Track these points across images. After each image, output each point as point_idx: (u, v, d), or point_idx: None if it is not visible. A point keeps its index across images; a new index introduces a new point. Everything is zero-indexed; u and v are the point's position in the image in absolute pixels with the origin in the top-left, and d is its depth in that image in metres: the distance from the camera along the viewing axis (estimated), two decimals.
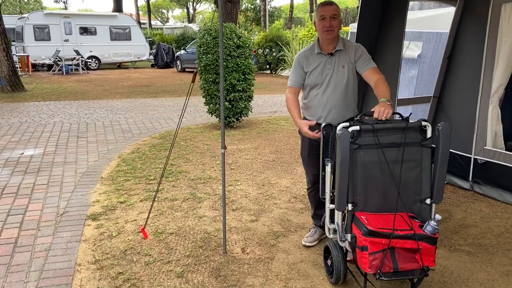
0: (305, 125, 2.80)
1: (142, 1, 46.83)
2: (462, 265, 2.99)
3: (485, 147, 4.19)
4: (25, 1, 45.49)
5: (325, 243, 2.85)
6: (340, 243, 2.57)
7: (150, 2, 42.85)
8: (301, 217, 3.81)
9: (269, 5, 35.16)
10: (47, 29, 18.97)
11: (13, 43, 19.25)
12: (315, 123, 2.86)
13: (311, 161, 3.13)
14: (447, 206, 4.04)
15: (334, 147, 2.62)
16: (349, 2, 48.17)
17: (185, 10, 55.39)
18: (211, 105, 7.29)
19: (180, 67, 19.60)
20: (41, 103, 10.26)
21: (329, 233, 2.71)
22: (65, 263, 3.00)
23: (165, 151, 5.91)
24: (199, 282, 2.78)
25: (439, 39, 5.30)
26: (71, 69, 18.34)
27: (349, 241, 2.47)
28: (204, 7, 56.57)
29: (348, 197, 2.46)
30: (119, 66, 22.25)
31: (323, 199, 2.72)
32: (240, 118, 7.60)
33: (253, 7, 36.64)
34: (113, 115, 8.81)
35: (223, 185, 3.14)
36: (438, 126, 2.43)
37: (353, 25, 8.45)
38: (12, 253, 3.15)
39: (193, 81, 3.19)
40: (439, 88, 4.87)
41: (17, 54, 17.67)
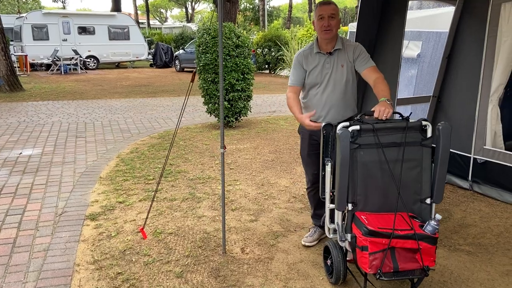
0: (306, 118, 2.75)
1: (140, 1, 46.78)
2: (462, 264, 2.99)
3: (484, 147, 4.19)
4: (23, 0, 45.41)
5: (324, 243, 2.85)
6: (340, 243, 2.56)
7: (148, 1, 42.81)
8: (301, 217, 3.80)
9: (268, 4, 35.16)
10: (45, 29, 18.93)
11: (11, 43, 19.18)
12: (314, 112, 2.83)
13: (310, 161, 3.12)
14: (446, 205, 4.03)
15: (334, 146, 2.61)
16: (347, 1, 48.19)
17: (184, 9, 55.36)
18: (210, 105, 7.28)
19: (178, 66, 19.58)
20: (39, 103, 10.23)
21: (329, 233, 2.70)
22: (64, 263, 2.99)
23: (164, 151, 5.90)
24: (199, 282, 2.77)
25: (439, 38, 5.30)
26: (70, 69, 18.30)
27: (349, 241, 2.46)
28: (202, 6, 56.59)
29: (348, 197, 2.45)
30: (118, 65, 22.22)
31: (323, 199, 2.71)
32: (239, 117, 7.59)
33: (252, 6, 36.64)
34: (112, 114, 8.79)
35: (223, 185, 3.13)
36: (438, 125, 2.42)
37: (352, 24, 8.46)
38: (10, 253, 3.13)
39: (192, 80, 3.18)
40: (438, 87, 4.87)
41: (15, 53, 17.64)
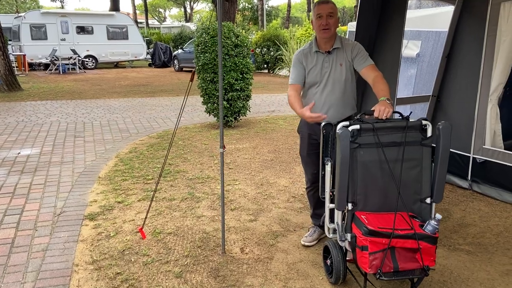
0: (306, 110, 2.69)
1: (139, 0, 46.73)
2: (461, 264, 2.99)
3: (484, 146, 4.18)
4: (22, 0, 45.31)
5: (324, 242, 2.84)
6: (339, 242, 2.55)
7: (147, 1, 42.75)
8: (300, 216, 3.80)
9: (266, 4, 35.15)
10: (43, 28, 18.90)
11: (9, 42, 19.13)
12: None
13: (310, 160, 3.11)
14: (446, 205, 4.03)
15: (334, 146, 2.60)
16: (346, 1, 48.20)
17: (183, 9, 55.32)
18: (209, 105, 7.27)
19: (177, 66, 19.57)
20: (38, 103, 10.21)
21: (329, 233, 2.70)
22: (63, 264, 2.98)
23: (163, 151, 5.89)
24: (198, 282, 2.76)
25: (438, 38, 5.30)
26: (68, 68, 18.28)
27: (349, 240, 2.46)
28: (201, 6, 56.59)
29: (348, 197, 2.44)
30: (116, 65, 22.19)
31: (323, 198, 2.70)
32: (238, 117, 7.58)
33: (250, 6, 36.62)
34: (110, 114, 8.77)
35: (222, 185, 3.12)
36: (438, 125, 2.41)
37: (351, 24, 8.46)
38: (9, 254, 3.12)
39: (192, 80, 3.17)
40: (438, 87, 4.86)
41: (13, 53, 17.59)
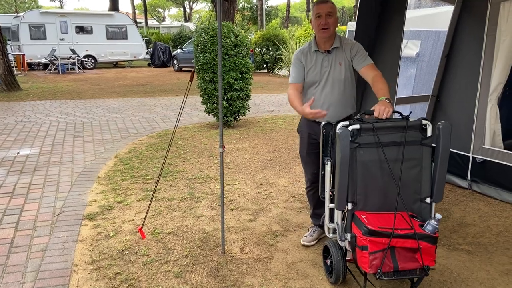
0: (306, 106, 2.67)
1: (138, 0, 46.68)
2: (461, 264, 2.98)
3: (483, 146, 4.18)
4: (21, 0, 45.26)
5: (324, 242, 2.84)
6: (339, 242, 2.55)
7: (146, 1, 42.72)
8: (300, 216, 3.79)
9: (265, 4, 35.14)
10: (43, 28, 18.88)
11: (8, 42, 19.11)
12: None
13: (310, 160, 3.11)
14: (445, 205, 4.03)
15: (333, 146, 2.60)
16: (345, 1, 48.21)
17: (182, 9, 55.27)
18: (209, 104, 7.26)
19: (176, 66, 19.56)
20: (37, 102, 10.20)
21: (329, 233, 2.69)
22: (62, 264, 2.97)
23: (162, 151, 5.88)
24: (198, 282, 2.76)
25: (438, 37, 5.30)
26: (67, 68, 18.26)
27: (349, 240, 2.45)
28: (200, 6, 56.57)
29: (348, 196, 2.44)
30: (116, 65, 22.17)
31: (323, 198, 2.70)
32: (237, 117, 7.58)
33: (250, 6, 36.60)
34: (110, 114, 8.76)
35: (222, 185, 3.12)
36: (438, 124, 2.41)
37: (351, 23, 8.45)
38: (8, 254, 3.11)
39: (191, 79, 3.16)
40: (437, 86, 4.86)
41: (12, 53, 17.57)
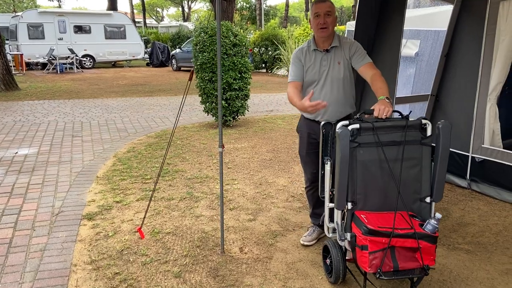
0: (306, 100, 2.61)
1: (137, 0, 46.63)
2: (461, 263, 2.98)
3: (482, 145, 4.18)
4: None
5: (324, 242, 2.83)
6: (339, 242, 2.55)
7: (144, 0, 42.66)
8: (299, 216, 3.79)
9: (264, 3, 35.13)
10: (41, 28, 18.85)
11: (6, 42, 19.09)
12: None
13: (309, 159, 3.10)
14: (445, 204, 4.03)
15: (333, 145, 2.59)
16: (344, 1, 48.21)
17: (180, 8, 55.23)
18: (207, 104, 7.25)
19: (175, 66, 19.55)
20: (35, 102, 10.17)
21: (328, 232, 2.69)
22: (61, 264, 2.96)
23: (161, 150, 5.87)
24: (197, 282, 2.75)
25: (437, 37, 5.30)
26: (66, 68, 18.23)
27: (349, 240, 2.45)
28: (199, 5, 56.49)
29: (347, 196, 2.43)
30: (114, 65, 22.15)
31: (323, 198, 2.69)
32: (236, 117, 7.57)
33: (248, 5, 36.59)
34: (108, 114, 8.75)
35: (221, 184, 3.11)
36: (438, 124, 2.41)
37: (350, 23, 8.45)
38: (6, 254, 3.10)
39: (190, 79, 3.16)
40: (436, 86, 4.86)
41: (11, 52, 17.53)
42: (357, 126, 2.39)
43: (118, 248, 3.18)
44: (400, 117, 2.52)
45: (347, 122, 2.44)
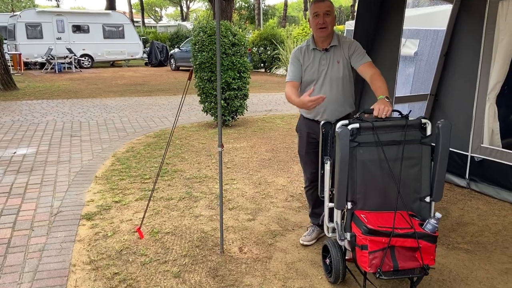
0: (305, 95, 2.61)
1: None
2: (460, 263, 2.98)
3: (482, 145, 4.18)
4: None
5: (323, 242, 2.83)
6: (339, 241, 2.54)
7: (143, 0, 42.61)
8: (299, 215, 3.78)
9: (263, 3, 35.11)
10: (39, 27, 18.80)
11: (5, 41, 19.01)
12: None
13: (309, 159, 3.10)
14: (444, 204, 4.03)
15: (333, 145, 2.59)
16: (342, 0, 48.21)
17: (179, 8, 55.17)
18: (206, 104, 7.24)
19: (174, 65, 19.52)
20: (33, 102, 10.15)
21: (328, 232, 2.68)
22: (60, 264, 2.95)
23: (160, 150, 5.86)
24: (197, 282, 2.74)
25: (436, 36, 5.30)
26: (64, 68, 18.18)
27: (349, 240, 2.44)
28: (197, 5, 56.46)
29: (347, 196, 2.43)
30: (113, 64, 22.10)
31: (322, 197, 2.69)
32: (235, 116, 7.56)
33: (247, 5, 36.58)
34: (107, 113, 8.73)
35: (220, 184, 3.11)
36: (438, 123, 2.40)
37: (349, 22, 8.45)
38: (5, 254, 3.09)
39: (190, 78, 3.15)
40: (436, 85, 4.86)
41: (9, 52, 17.50)
42: (356, 125, 2.39)
43: (117, 248, 3.17)
44: (399, 116, 2.51)
45: (346, 121, 2.43)
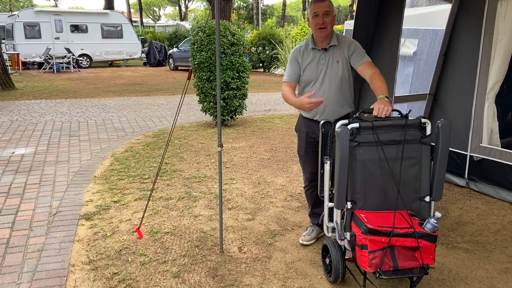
0: (305, 97, 2.62)
1: None
2: (460, 262, 2.98)
3: (481, 144, 4.19)
4: None
5: (323, 241, 2.83)
6: (338, 241, 2.54)
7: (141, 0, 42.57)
8: (298, 215, 3.78)
9: (261, 3, 35.10)
10: (37, 27, 18.76)
11: (3, 41, 18.96)
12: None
13: (308, 159, 3.10)
14: (443, 203, 4.03)
15: (333, 144, 2.59)
16: (341, 0, 48.21)
17: (177, 8, 55.11)
18: (205, 103, 7.24)
19: (172, 65, 19.50)
20: (32, 102, 10.13)
21: (328, 232, 2.68)
22: (59, 264, 2.94)
23: (159, 150, 5.85)
24: (196, 282, 2.74)
25: (435, 36, 5.30)
26: (62, 67, 18.15)
27: (348, 239, 2.44)
28: (196, 5, 56.45)
29: (347, 195, 2.43)
30: (111, 64, 22.07)
31: (322, 197, 2.69)
32: (234, 116, 7.55)
33: (245, 5, 36.56)
34: (106, 113, 8.72)
35: (220, 184, 3.10)
36: (438, 123, 2.40)
37: (348, 22, 8.45)
38: (4, 254, 3.08)
39: (189, 78, 3.15)
40: (435, 85, 4.87)
41: (7, 52, 17.45)
42: (356, 125, 2.39)
43: (116, 248, 3.16)
44: (399, 116, 2.51)
45: (346, 121, 2.43)
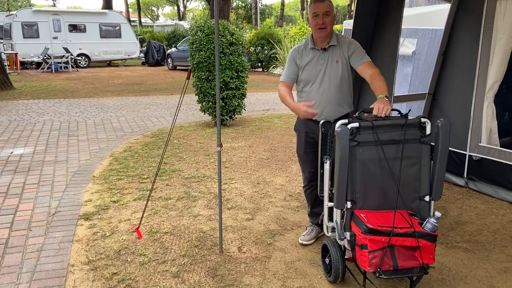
0: (303, 105, 2.68)
1: None
2: (459, 262, 2.99)
3: (480, 144, 4.19)
4: None
5: (322, 241, 2.83)
6: (338, 241, 2.54)
7: None
8: (297, 215, 3.78)
9: (260, 2, 35.11)
10: (35, 27, 18.72)
11: (1, 41, 18.98)
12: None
13: (307, 158, 3.10)
14: (442, 203, 4.04)
15: (332, 144, 2.58)
16: (339, 0, 48.23)
17: (176, 7, 55.07)
18: (204, 103, 7.23)
19: (171, 65, 19.48)
20: (30, 101, 10.10)
21: (327, 231, 2.68)
22: (58, 264, 2.93)
23: (158, 150, 5.84)
24: (196, 282, 2.74)
25: (434, 35, 5.31)
26: (60, 67, 18.11)
27: (348, 239, 2.44)
28: (194, 4, 56.47)
29: (347, 195, 2.43)
30: (109, 64, 22.03)
31: (322, 197, 2.68)
32: (233, 116, 7.55)
33: (244, 4, 36.55)
34: (104, 113, 8.70)
35: (219, 184, 3.10)
36: (437, 122, 2.40)
37: (347, 22, 8.45)
38: (2, 254, 3.07)
39: (188, 78, 3.14)
40: (434, 85, 4.87)
41: (5, 51, 17.41)
42: (356, 124, 2.39)
43: (115, 248, 3.16)
44: (399, 115, 2.51)
45: (346, 120, 2.43)
